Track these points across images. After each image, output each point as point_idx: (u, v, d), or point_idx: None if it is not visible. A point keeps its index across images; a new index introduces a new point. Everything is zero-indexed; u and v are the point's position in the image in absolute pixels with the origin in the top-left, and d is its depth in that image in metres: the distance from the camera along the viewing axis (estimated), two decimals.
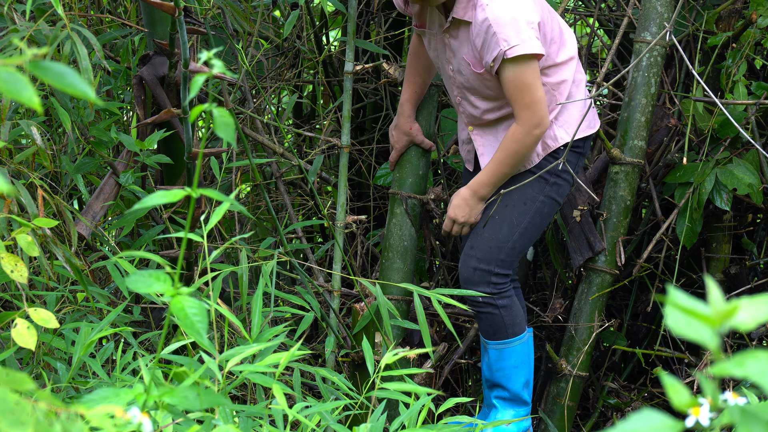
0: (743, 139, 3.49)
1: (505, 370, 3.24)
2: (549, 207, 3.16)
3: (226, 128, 1.34)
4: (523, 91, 2.96)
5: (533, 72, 2.95)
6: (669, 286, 1.67)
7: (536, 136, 3.02)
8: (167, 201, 1.34)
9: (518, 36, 2.89)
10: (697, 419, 1.10)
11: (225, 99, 3.17)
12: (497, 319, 3.17)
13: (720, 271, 3.75)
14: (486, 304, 3.15)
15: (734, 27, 3.57)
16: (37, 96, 1.07)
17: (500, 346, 3.21)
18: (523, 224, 3.13)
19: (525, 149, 3.04)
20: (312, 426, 2.08)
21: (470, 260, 3.16)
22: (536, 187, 3.12)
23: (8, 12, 2.62)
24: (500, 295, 3.16)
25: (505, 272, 3.16)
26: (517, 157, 3.07)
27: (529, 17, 2.91)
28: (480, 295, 3.13)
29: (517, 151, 3.05)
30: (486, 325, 3.20)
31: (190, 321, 1.37)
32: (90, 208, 3.05)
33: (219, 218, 1.62)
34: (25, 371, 2.47)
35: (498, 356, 3.23)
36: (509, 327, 3.20)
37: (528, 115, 2.99)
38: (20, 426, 1.15)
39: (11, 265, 2.19)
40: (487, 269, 3.14)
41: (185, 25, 2.60)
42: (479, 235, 3.16)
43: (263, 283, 2.63)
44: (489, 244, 3.14)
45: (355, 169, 4.16)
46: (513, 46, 2.89)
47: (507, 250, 3.14)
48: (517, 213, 3.11)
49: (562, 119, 3.12)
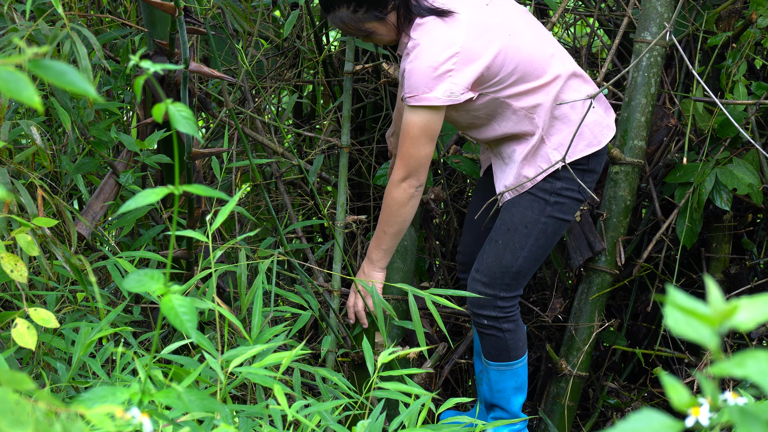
0: (743, 139, 3.49)
1: (505, 392, 3.24)
2: (553, 227, 3.10)
3: (186, 123, 1.34)
4: (406, 139, 2.95)
5: (425, 127, 2.92)
6: (669, 286, 1.68)
7: (404, 191, 2.99)
8: (155, 199, 1.34)
9: (421, 87, 2.88)
10: (696, 419, 1.10)
11: (225, 99, 3.17)
12: (501, 342, 3.17)
13: (720, 271, 3.75)
14: (491, 327, 3.15)
15: (734, 27, 3.57)
16: (37, 95, 1.07)
17: (502, 368, 3.21)
18: (526, 248, 3.09)
19: (396, 204, 3.01)
20: (312, 426, 2.08)
21: (476, 284, 3.14)
22: (536, 209, 3.07)
23: (8, 12, 2.62)
24: (506, 319, 3.15)
25: (512, 295, 3.14)
26: (391, 213, 3.04)
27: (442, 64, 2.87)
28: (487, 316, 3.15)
29: (389, 205, 3.03)
30: (489, 346, 3.20)
31: (179, 319, 1.38)
32: (90, 208, 3.05)
33: (224, 218, 1.63)
34: (25, 371, 2.47)
35: (499, 378, 3.22)
36: (512, 350, 3.19)
37: (399, 165, 2.99)
38: (20, 426, 1.15)
39: (11, 265, 2.19)
40: (493, 294, 3.12)
41: (185, 25, 2.60)
42: (483, 260, 3.14)
43: (260, 280, 2.62)
44: (493, 269, 3.12)
45: (355, 169, 4.16)
46: (412, 96, 2.89)
47: (512, 275, 3.12)
48: (519, 237, 3.08)
49: (555, 141, 3.05)
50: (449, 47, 2.88)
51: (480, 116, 3.04)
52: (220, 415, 1.87)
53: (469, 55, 2.90)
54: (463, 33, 2.90)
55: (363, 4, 2.91)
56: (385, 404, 2.73)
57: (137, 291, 1.43)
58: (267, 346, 2.14)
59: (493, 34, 2.95)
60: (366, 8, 2.92)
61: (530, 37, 3.02)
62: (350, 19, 2.94)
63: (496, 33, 2.95)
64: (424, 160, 2.97)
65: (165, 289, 1.42)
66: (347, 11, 2.93)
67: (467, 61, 2.90)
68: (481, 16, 2.96)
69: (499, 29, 2.96)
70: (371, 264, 3.14)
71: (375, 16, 2.93)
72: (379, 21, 2.95)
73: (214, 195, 1.37)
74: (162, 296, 1.41)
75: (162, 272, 1.45)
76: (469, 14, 2.94)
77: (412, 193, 3.00)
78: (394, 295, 3.31)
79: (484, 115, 3.04)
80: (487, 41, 2.94)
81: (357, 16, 2.94)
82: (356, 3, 2.91)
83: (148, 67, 1.31)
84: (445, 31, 2.90)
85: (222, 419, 1.85)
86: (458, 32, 2.90)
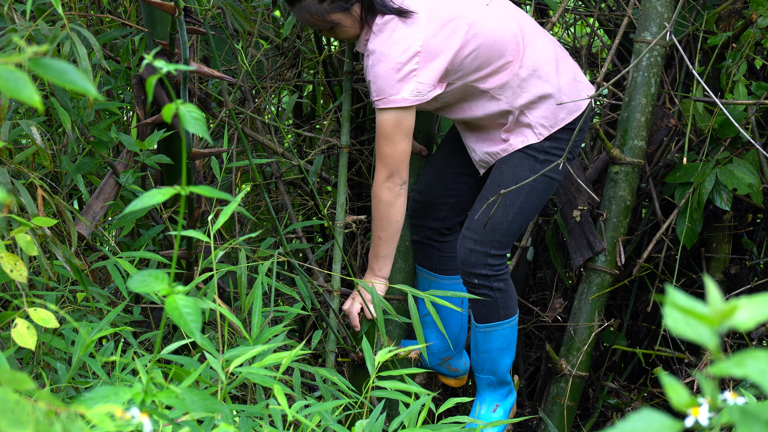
0: (743, 139, 3.49)
1: (491, 353, 3.24)
2: (543, 184, 3.13)
3: (196, 123, 1.34)
4: (380, 139, 3.01)
5: (399, 122, 2.97)
6: (668, 286, 1.68)
7: (389, 190, 3.03)
8: (162, 199, 1.34)
9: (388, 89, 2.93)
10: (696, 419, 1.10)
11: (225, 99, 3.17)
12: (491, 302, 3.18)
13: (720, 271, 3.75)
14: (481, 286, 3.16)
15: (734, 27, 3.57)
16: (37, 94, 1.07)
17: (490, 329, 3.22)
18: (516, 204, 3.11)
19: (384, 206, 3.05)
20: (312, 426, 2.08)
21: (466, 242, 3.15)
22: (526, 167, 3.10)
23: (8, 11, 2.62)
24: (497, 277, 3.15)
25: (502, 253, 3.16)
26: (381, 216, 3.08)
27: (404, 65, 2.93)
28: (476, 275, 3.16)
29: (378, 208, 3.07)
30: (479, 307, 3.20)
31: (184, 320, 1.38)
32: (90, 208, 3.05)
33: (226, 218, 1.63)
34: (25, 371, 2.47)
35: (485, 339, 3.23)
36: (501, 310, 3.20)
37: (380, 165, 3.03)
38: (20, 426, 1.15)
39: (11, 265, 2.19)
40: (484, 251, 3.13)
41: (185, 25, 2.60)
42: (473, 218, 3.15)
43: (260, 281, 2.62)
44: (482, 226, 3.13)
45: (355, 169, 4.16)
46: (380, 99, 2.95)
47: (502, 231, 3.13)
48: (510, 194, 3.07)
49: (536, 115, 3.09)
50: (410, 47, 2.93)
51: (449, 101, 3.09)
52: (220, 415, 1.87)
53: (431, 52, 2.95)
54: (422, 31, 2.95)
55: None
56: (385, 404, 2.73)
57: (141, 291, 1.43)
58: (267, 347, 2.14)
59: (453, 27, 2.99)
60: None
61: (492, 21, 3.05)
62: (317, 9, 2.99)
63: (456, 24, 2.99)
64: (402, 157, 3.01)
65: (169, 290, 1.41)
66: (313, 1, 2.98)
67: (429, 58, 2.94)
68: (439, 11, 2.99)
69: (457, 21, 3.00)
70: (372, 274, 3.17)
71: (340, 6, 2.97)
72: (344, 12, 2.99)
73: (217, 195, 1.37)
74: (166, 297, 1.41)
75: (166, 272, 1.45)
76: (426, 11, 2.97)
77: (398, 192, 3.04)
78: (395, 296, 3.32)
79: (454, 99, 3.09)
80: (447, 35, 2.98)
81: (323, 6, 2.98)
82: None
83: (161, 66, 1.31)
84: (404, 32, 2.94)
85: (222, 419, 1.85)
86: (417, 31, 2.95)
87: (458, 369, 3.47)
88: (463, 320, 3.44)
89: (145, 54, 1.39)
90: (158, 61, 1.31)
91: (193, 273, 2.84)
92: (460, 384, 3.54)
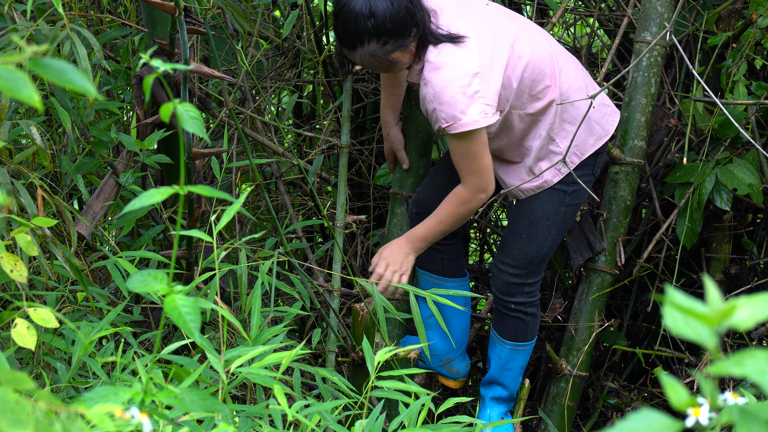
0: (743, 139, 3.49)
1: (513, 371, 3.39)
2: (571, 212, 3.24)
3: (193, 123, 1.34)
4: (469, 159, 3.03)
5: (478, 142, 2.99)
6: (667, 285, 1.68)
7: (481, 200, 3.10)
8: (160, 199, 1.34)
9: (457, 114, 2.93)
10: (696, 419, 1.10)
11: (225, 99, 3.17)
12: (523, 324, 3.33)
13: (720, 271, 3.75)
14: (517, 311, 3.31)
15: (734, 27, 3.57)
16: (37, 94, 1.07)
17: (519, 348, 3.36)
18: (549, 238, 3.23)
19: (468, 211, 3.13)
20: (312, 426, 2.08)
21: (504, 275, 3.27)
22: (556, 201, 3.19)
23: (8, 11, 2.62)
24: (531, 303, 3.31)
25: (536, 280, 3.30)
26: (459, 217, 3.15)
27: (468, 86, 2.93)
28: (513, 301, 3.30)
29: (460, 213, 3.13)
30: (511, 328, 3.33)
31: (183, 320, 1.38)
32: (90, 208, 3.05)
33: (228, 219, 1.62)
34: (25, 371, 2.47)
35: (512, 356, 3.36)
36: (530, 332, 3.36)
37: (474, 180, 3.06)
38: (20, 425, 1.15)
39: (11, 265, 2.19)
40: (521, 282, 3.27)
41: (185, 25, 2.60)
42: (508, 252, 3.25)
43: (260, 282, 2.62)
44: (519, 261, 3.24)
45: (355, 169, 4.16)
46: (451, 124, 2.94)
47: (537, 262, 3.26)
48: (542, 229, 3.20)
49: (566, 144, 3.12)
50: (469, 69, 2.94)
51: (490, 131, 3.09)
52: (220, 415, 1.87)
53: (487, 72, 2.97)
54: (476, 51, 2.96)
55: (392, 36, 2.93)
56: (385, 404, 2.73)
57: (141, 291, 1.43)
58: (267, 347, 2.14)
59: (500, 47, 3.01)
60: (394, 39, 2.94)
61: (529, 44, 3.08)
62: (380, 52, 2.96)
63: (501, 45, 3.02)
64: (490, 168, 3.06)
65: (169, 290, 1.41)
66: (377, 45, 2.95)
67: (488, 78, 2.96)
68: (484, 32, 3.01)
69: (502, 41, 3.03)
70: (413, 250, 3.21)
71: (401, 45, 2.96)
72: (403, 50, 2.98)
73: (217, 195, 1.37)
74: (165, 297, 1.41)
75: (165, 272, 1.45)
76: (474, 33, 2.99)
77: (483, 199, 3.11)
78: (396, 297, 3.32)
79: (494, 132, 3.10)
80: (498, 55, 3.00)
81: (386, 48, 2.96)
82: (386, 35, 2.93)
83: (158, 66, 1.31)
84: (460, 55, 2.95)
85: (222, 419, 1.85)
86: (472, 52, 2.96)
87: (459, 371, 3.50)
88: (467, 322, 3.46)
89: (142, 53, 1.39)
90: (155, 60, 1.31)
91: (193, 273, 2.84)
92: (459, 386, 3.55)
